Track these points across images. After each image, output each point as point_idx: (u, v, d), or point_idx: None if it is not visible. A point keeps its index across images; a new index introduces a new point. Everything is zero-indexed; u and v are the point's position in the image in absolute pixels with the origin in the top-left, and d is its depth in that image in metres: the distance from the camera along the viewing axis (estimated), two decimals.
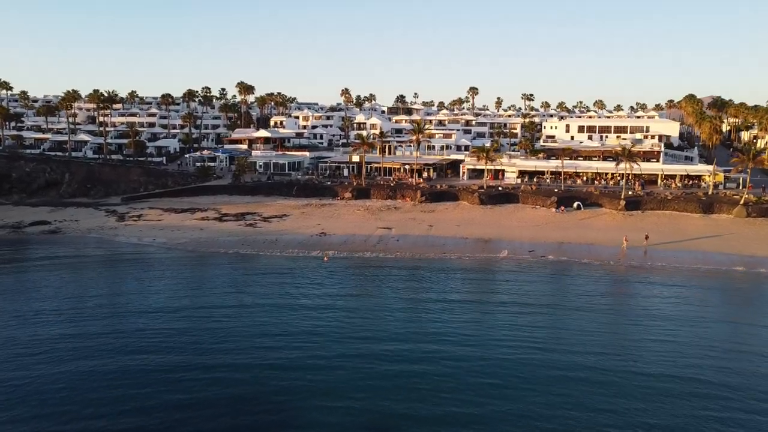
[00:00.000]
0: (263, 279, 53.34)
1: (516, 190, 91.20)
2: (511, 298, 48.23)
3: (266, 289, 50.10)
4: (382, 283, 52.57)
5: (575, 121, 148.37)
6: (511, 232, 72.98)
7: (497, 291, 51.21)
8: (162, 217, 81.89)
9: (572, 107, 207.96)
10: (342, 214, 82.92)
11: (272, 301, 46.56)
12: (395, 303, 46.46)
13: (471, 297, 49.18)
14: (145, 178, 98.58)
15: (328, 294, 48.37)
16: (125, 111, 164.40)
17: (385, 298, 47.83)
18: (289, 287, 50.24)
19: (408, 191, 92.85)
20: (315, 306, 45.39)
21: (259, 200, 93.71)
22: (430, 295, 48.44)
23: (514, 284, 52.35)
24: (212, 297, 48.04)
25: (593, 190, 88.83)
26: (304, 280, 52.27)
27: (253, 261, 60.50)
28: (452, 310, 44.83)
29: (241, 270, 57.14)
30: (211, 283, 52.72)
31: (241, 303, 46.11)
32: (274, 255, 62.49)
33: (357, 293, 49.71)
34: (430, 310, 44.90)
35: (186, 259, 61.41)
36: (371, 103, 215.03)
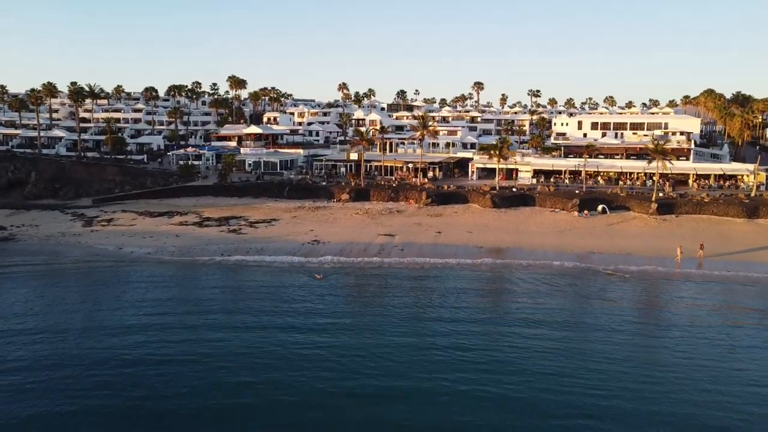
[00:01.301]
0: (237, 303, 43.95)
1: (532, 192, 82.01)
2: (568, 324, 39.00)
3: (238, 316, 40.74)
4: (385, 310, 43.09)
5: (588, 117, 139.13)
6: (532, 239, 63.79)
7: (546, 316, 41.77)
8: (135, 221, 72.55)
9: (581, 104, 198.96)
10: (338, 219, 73.63)
11: (237, 340, 37.19)
12: (405, 348, 37.04)
13: (514, 328, 39.77)
14: (121, 177, 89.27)
15: (318, 328, 38.97)
16: (110, 107, 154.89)
17: (390, 334, 38.52)
18: (271, 314, 40.90)
19: (412, 192, 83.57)
20: (302, 344, 36.12)
21: (246, 202, 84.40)
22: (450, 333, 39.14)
23: (565, 305, 43.09)
24: (166, 326, 38.75)
25: (618, 191, 79.60)
26: (288, 305, 42.87)
27: (230, 276, 51.17)
28: (490, 358, 35.53)
29: (213, 289, 47.66)
30: (170, 306, 43.32)
31: (199, 338, 36.90)
32: (259, 268, 53.21)
33: (355, 327, 40.09)
34: (452, 360, 35.62)
35: (152, 273, 52.03)
36: (370, 100, 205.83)
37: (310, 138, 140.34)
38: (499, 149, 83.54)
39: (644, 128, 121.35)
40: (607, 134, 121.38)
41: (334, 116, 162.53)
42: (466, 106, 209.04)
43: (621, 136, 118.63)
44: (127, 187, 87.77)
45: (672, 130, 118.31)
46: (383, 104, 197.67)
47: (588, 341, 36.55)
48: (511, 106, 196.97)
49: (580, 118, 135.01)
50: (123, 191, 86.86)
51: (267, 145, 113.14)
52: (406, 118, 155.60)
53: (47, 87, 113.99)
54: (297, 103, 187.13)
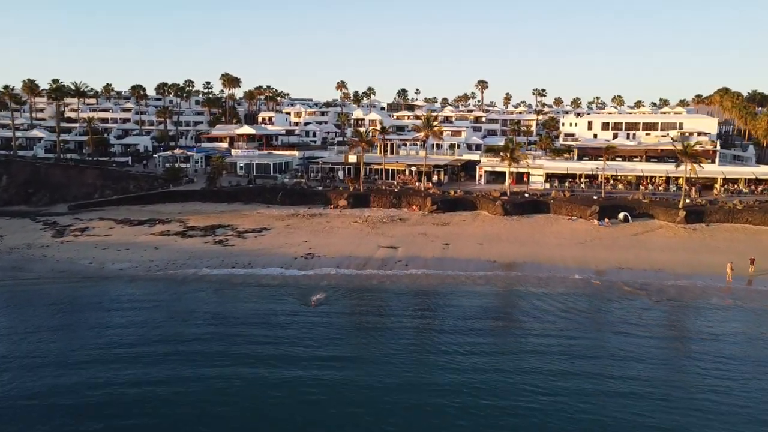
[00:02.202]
0: (210, 342, 37.37)
1: (545, 198, 75.55)
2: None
3: (209, 360, 34.21)
4: (388, 350, 36.40)
5: (598, 117, 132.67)
6: (550, 251, 57.33)
7: (581, 355, 35.24)
8: (112, 230, 65.96)
9: (588, 104, 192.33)
10: (335, 228, 67.09)
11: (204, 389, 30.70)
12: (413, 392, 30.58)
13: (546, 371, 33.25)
14: (102, 181, 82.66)
15: (311, 380, 32.43)
16: (97, 106, 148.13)
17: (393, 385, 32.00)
18: (251, 363, 34.35)
19: (415, 198, 77.07)
20: (289, 400, 29.63)
21: (235, 209, 77.85)
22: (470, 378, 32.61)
23: (600, 340, 36.57)
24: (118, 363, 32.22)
25: (641, 197, 73.12)
26: (275, 347, 36.27)
27: (208, 301, 44.50)
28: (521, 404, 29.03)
29: (187, 316, 41.04)
30: (135, 335, 36.78)
31: (158, 379, 30.44)
32: (244, 288, 46.66)
33: (359, 375, 33.57)
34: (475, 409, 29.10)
35: (120, 294, 45.48)
36: (370, 99, 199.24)
37: (307, 139, 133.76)
38: (510, 151, 77.04)
39: (658, 129, 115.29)
40: (618, 135, 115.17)
41: (332, 116, 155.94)
42: (469, 105, 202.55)
43: (633, 137, 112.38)
44: (107, 192, 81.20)
45: (687, 130, 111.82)
46: (383, 104, 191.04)
47: (637, 397, 30.00)
48: (516, 106, 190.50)
49: (590, 117, 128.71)
50: (103, 196, 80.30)
51: (260, 147, 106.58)
52: (407, 117, 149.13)
53: (27, 84, 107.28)
54: (294, 103, 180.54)
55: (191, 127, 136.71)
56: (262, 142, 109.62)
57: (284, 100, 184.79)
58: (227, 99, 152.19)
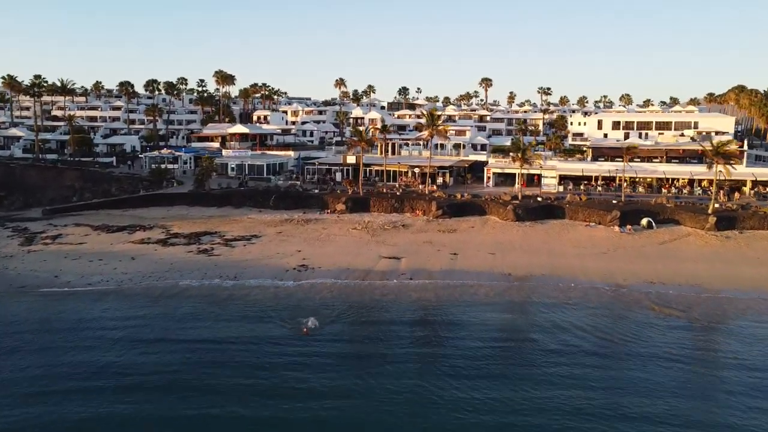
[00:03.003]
0: (182, 368, 31.56)
1: (560, 202, 69.82)
2: None
3: (177, 396, 28.38)
4: (395, 389, 30.67)
5: (609, 115, 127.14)
6: (570, 262, 51.55)
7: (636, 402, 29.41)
8: (87, 238, 60.07)
9: (595, 102, 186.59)
10: (332, 235, 61.27)
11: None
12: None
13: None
14: (81, 183, 76.92)
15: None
16: (86, 104, 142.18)
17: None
18: (241, 394, 28.52)
19: (419, 202, 71.25)
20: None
21: (225, 214, 72.11)
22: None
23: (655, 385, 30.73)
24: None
25: (664, 201, 67.32)
26: (256, 379, 30.48)
27: (183, 321, 38.61)
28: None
29: (153, 342, 35.17)
30: (90, 366, 30.95)
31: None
32: (228, 305, 40.80)
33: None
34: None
35: (82, 315, 39.48)
36: (370, 98, 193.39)
37: (304, 138, 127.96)
38: (522, 151, 71.19)
39: (671, 128, 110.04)
40: (630, 135, 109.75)
41: (330, 115, 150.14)
42: (472, 104, 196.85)
43: (646, 137, 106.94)
44: (87, 195, 75.35)
45: (703, 129, 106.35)
46: (383, 103, 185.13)
47: None
48: (520, 105, 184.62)
49: (600, 116, 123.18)
50: (82, 200, 74.44)
51: (254, 147, 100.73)
52: (408, 116, 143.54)
53: (7, 81, 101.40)
54: (291, 102, 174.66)
55: (183, 126, 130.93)
56: (256, 141, 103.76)
57: (281, 98, 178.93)
58: (221, 97, 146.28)
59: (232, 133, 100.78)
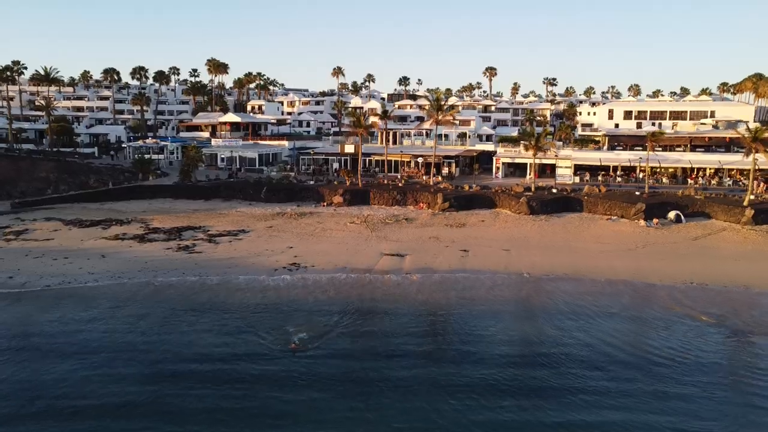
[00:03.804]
0: (137, 397, 25.74)
1: (577, 194, 63.99)
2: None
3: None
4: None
5: (620, 105, 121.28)
6: (594, 261, 45.70)
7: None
8: (57, 233, 54.17)
9: (602, 93, 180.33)
10: (328, 230, 55.43)
11: None
12: None
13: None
14: (57, 174, 70.93)
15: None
16: (73, 94, 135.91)
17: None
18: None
19: (423, 194, 65.39)
20: None
21: (211, 207, 66.35)
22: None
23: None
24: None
25: (692, 192, 61.46)
26: (232, 402, 24.66)
27: (148, 330, 32.71)
28: None
29: (108, 358, 29.33)
30: (29, 390, 25.10)
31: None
32: (202, 316, 34.88)
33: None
34: None
35: (31, 318, 33.67)
36: (369, 90, 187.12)
37: (300, 129, 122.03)
38: (536, 138, 65.25)
39: (686, 117, 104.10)
40: (642, 125, 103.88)
41: (328, 105, 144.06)
42: (474, 96, 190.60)
43: (659, 127, 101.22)
44: (62, 188, 69.44)
45: (720, 118, 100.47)
46: (383, 94, 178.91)
47: None
48: (525, 96, 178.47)
49: (611, 106, 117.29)
50: (57, 192, 68.54)
51: (246, 137, 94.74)
52: (410, 107, 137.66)
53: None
54: (287, 92, 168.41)
55: (174, 116, 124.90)
56: (248, 131, 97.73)
57: (277, 89, 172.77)
58: (214, 87, 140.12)
59: (223, 122, 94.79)
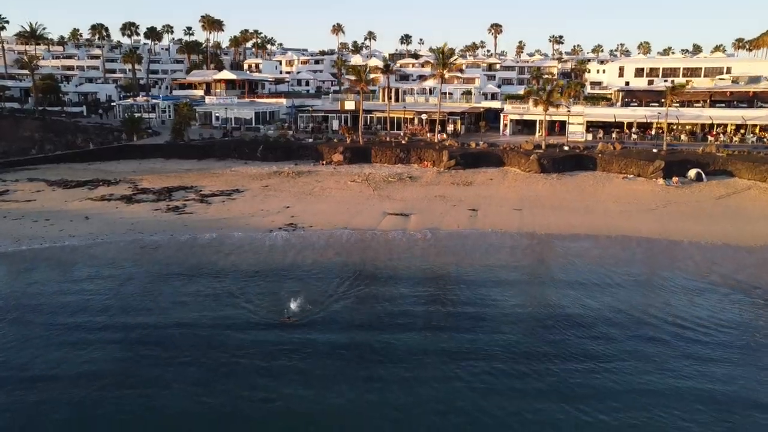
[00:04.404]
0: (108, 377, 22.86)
1: (590, 151, 60.48)
2: None
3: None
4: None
5: (631, 62, 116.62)
6: (615, 222, 42.59)
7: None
8: (39, 195, 50.96)
9: (611, 51, 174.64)
10: (327, 189, 52.21)
11: None
12: None
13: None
14: (42, 134, 67.37)
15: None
16: (62, 53, 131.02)
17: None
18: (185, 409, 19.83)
19: (428, 152, 61.92)
20: None
21: (205, 167, 63.03)
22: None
23: None
24: None
25: (713, 149, 57.94)
26: (214, 382, 21.80)
27: (126, 301, 29.72)
28: None
29: (73, 333, 26.38)
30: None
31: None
32: (188, 281, 31.85)
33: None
34: None
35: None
36: (370, 49, 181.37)
37: (299, 88, 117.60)
38: (547, 94, 61.39)
39: (701, 74, 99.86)
40: (654, 82, 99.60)
41: (327, 64, 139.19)
42: (478, 55, 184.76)
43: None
44: (48, 147, 65.95)
45: (736, 75, 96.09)
46: (384, 54, 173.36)
47: None
48: (530, 55, 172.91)
49: (621, 63, 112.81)
50: (42, 152, 65.08)
51: (242, 95, 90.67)
52: (412, 65, 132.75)
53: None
54: (285, 52, 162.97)
55: (168, 75, 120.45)
56: (245, 90, 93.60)
57: (275, 48, 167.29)
58: (210, 46, 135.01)
59: (218, 80, 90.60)
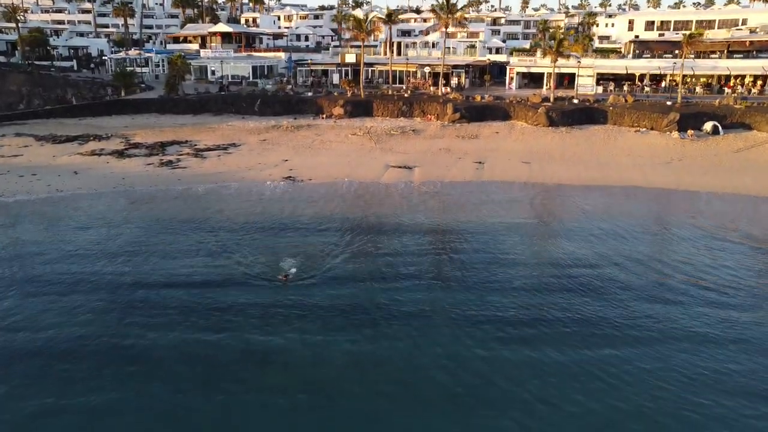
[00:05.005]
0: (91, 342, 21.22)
1: (601, 104, 57.97)
2: None
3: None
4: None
5: (641, 15, 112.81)
6: (628, 174, 40.76)
7: None
8: (27, 150, 48.88)
9: (619, 6, 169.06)
10: (327, 143, 50.08)
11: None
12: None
13: None
14: (30, 88, 64.72)
15: None
16: (52, 6, 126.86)
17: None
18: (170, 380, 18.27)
19: (431, 105, 59.46)
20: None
21: (201, 122, 60.69)
22: None
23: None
24: None
25: (731, 102, 55.43)
26: (203, 346, 20.18)
27: (113, 257, 27.97)
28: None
29: (57, 287, 24.68)
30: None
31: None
32: (177, 235, 30.06)
33: None
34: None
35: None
36: (370, 5, 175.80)
37: (298, 44, 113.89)
38: (557, 43, 58.56)
39: (715, 26, 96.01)
40: (666, 36, 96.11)
41: (327, 19, 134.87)
42: (481, 10, 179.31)
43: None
44: (36, 102, 63.51)
45: (753, 26, 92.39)
46: (385, 10, 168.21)
47: None
48: (536, 9, 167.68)
49: (631, 16, 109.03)
50: (30, 107, 62.72)
51: (239, 50, 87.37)
52: (414, 20, 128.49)
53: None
54: (284, 6, 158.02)
55: (162, 30, 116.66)
56: (242, 44, 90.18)
57: (273, 4, 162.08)
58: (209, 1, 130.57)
59: (213, 33, 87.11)
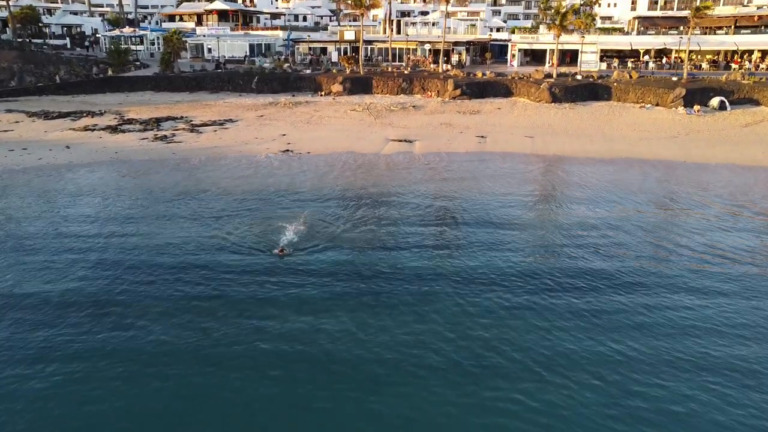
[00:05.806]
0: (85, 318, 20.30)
1: (605, 80, 56.90)
2: None
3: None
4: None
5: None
6: (636, 148, 39.84)
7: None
8: (18, 125, 47.73)
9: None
10: (325, 118, 49.02)
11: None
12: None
13: None
14: (21, 65, 63.45)
15: None
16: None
17: None
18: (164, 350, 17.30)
19: (432, 82, 58.32)
20: None
21: (197, 99, 59.57)
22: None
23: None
24: None
25: (738, 77, 54.35)
26: (200, 318, 19.25)
27: (102, 228, 26.99)
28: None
29: (45, 259, 23.73)
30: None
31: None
32: (170, 208, 29.08)
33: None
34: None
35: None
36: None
37: (297, 24, 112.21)
38: (561, 17, 57.39)
39: (720, 3, 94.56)
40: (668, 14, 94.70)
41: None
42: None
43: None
44: (29, 79, 62.20)
45: (761, 2, 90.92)
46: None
47: None
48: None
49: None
50: (21, 84, 61.42)
51: (236, 28, 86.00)
52: (413, 1, 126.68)
53: None
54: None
55: (158, 9, 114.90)
56: (238, 22, 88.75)
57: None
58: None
59: (210, 11, 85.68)
